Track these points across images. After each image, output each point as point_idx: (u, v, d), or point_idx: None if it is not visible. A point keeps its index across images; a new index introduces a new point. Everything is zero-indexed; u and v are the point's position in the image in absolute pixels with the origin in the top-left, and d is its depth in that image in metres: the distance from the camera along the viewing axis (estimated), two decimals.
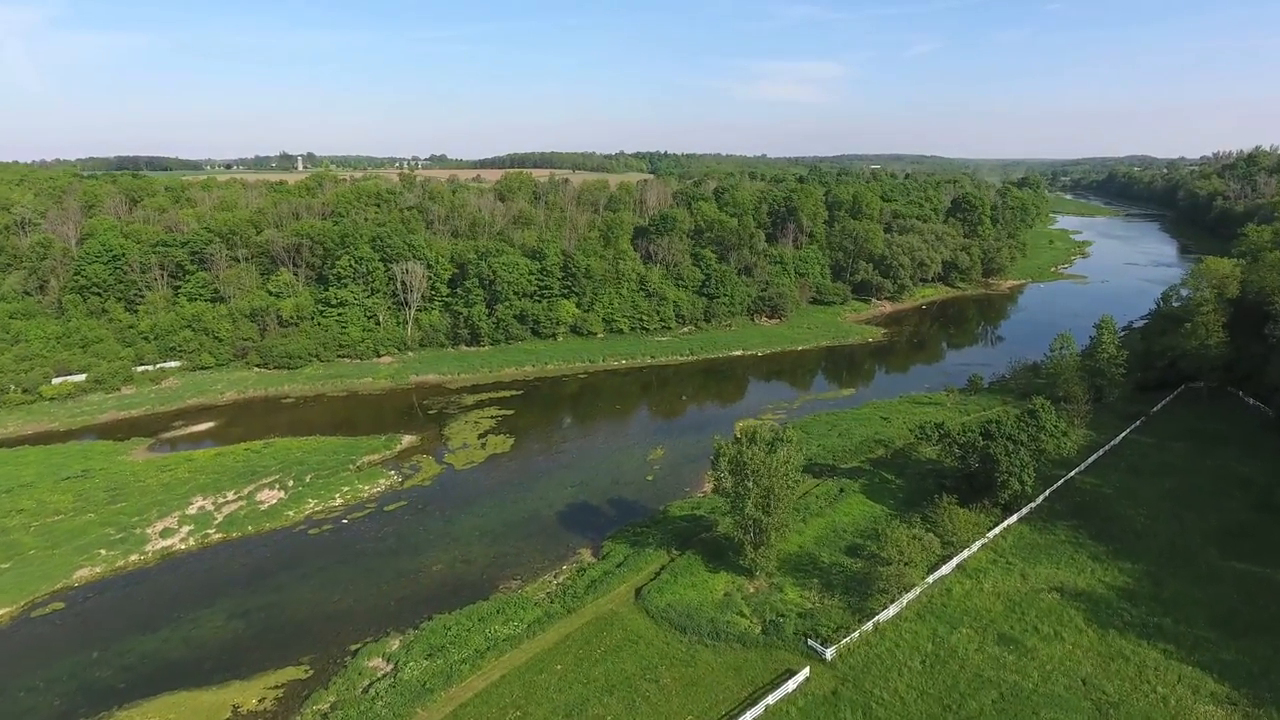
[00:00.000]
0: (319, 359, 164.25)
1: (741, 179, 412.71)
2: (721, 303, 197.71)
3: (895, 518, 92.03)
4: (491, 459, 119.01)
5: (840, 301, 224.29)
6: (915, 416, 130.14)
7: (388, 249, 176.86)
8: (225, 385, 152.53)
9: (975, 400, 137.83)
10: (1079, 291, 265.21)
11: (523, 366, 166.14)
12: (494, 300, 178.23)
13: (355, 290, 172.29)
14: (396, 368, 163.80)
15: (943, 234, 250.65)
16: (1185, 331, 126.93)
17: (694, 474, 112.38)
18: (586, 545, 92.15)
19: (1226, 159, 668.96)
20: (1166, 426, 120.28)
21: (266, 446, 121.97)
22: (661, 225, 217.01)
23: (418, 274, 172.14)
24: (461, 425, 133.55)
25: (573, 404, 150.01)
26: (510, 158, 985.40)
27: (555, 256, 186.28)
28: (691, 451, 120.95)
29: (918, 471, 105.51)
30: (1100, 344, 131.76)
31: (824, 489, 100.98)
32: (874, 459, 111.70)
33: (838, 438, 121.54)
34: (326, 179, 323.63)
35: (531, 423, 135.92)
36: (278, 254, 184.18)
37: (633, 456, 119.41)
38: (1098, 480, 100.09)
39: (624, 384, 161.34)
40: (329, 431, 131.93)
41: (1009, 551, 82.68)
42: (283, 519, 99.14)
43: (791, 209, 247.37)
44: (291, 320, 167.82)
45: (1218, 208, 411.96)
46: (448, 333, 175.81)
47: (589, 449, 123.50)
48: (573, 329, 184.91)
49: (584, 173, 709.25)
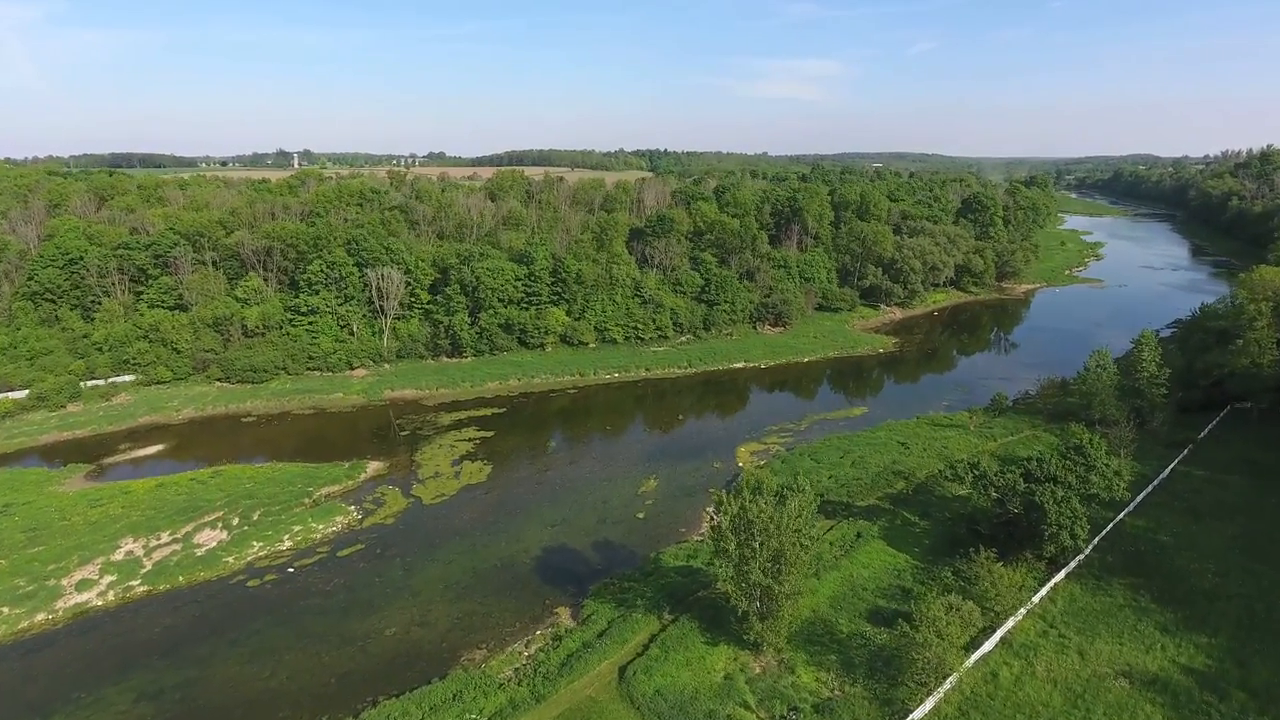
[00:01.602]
0: (287, 372, 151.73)
1: (743, 177, 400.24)
2: (722, 310, 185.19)
3: (922, 571, 79.74)
4: (465, 491, 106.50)
5: (848, 308, 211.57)
6: (936, 442, 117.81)
7: (363, 253, 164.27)
8: (182, 402, 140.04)
9: (1001, 423, 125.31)
10: (1097, 297, 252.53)
11: (507, 380, 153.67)
12: (477, 308, 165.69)
13: (327, 297, 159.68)
14: (370, 382, 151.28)
15: (955, 236, 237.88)
16: (1235, 349, 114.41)
17: (690, 510, 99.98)
18: (565, 603, 79.73)
19: (1236, 157, 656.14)
20: (1218, 456, 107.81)
21: (214, 476, 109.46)
22: (659, 227, 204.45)
23: (395, 280, 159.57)
24: (435, 449, 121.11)
25: (559, 423, 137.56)
26: (508, 155, 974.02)
27: (544, 260, 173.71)
28: (688, 482, 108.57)
29: (944, 512, 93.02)
30: (1140, 361, 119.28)
31: (839, 533, 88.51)
32: (893, 495, 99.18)
33: (851, 467, 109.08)
34: (311, 177, 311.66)
35: (512, 446, 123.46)
36: (247, 257, 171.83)
37: (622, 488, 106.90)
38: (1150, 524, 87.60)
39: (616, 400, 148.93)
40: (289, 456, 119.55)
41: (1060, 620, 70.21)
42: (220, 567, 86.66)
43: (796, 209, 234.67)
44: (258, 330, 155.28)
45: (1233, 208, 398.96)
46: (427, 343, 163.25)
47: (574, 478, 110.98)
48: (562, 339, 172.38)
49: (582, 171, 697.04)
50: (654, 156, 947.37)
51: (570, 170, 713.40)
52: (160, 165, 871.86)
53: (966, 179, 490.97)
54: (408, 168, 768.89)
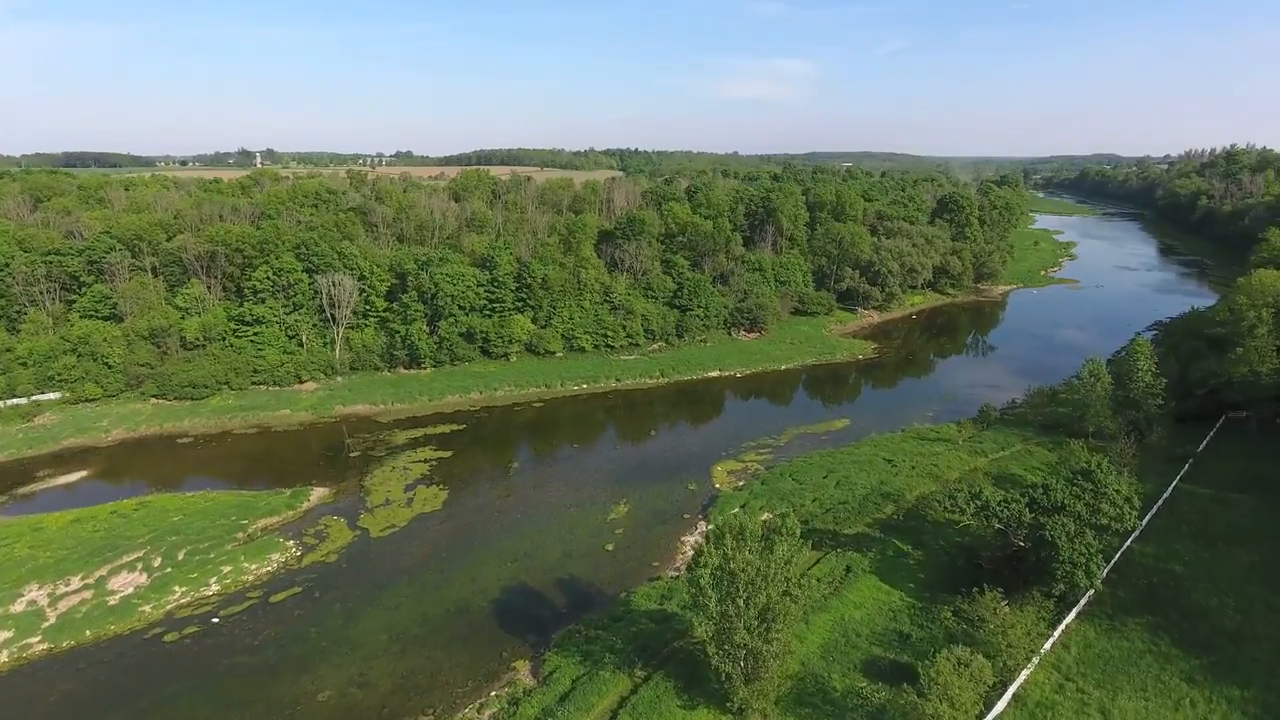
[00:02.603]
0: (229, 387, 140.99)
1: (715, 177, 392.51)
2: (695, 316, 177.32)
3: (920, 612, 72.27)
4: (418, 521, 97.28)
5: (825, 312, 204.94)
6: (924, 458, 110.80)
7: (314, 258, 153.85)
8: (112, 421, 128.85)
9: (991, 436, 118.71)
10: (1075, 299, 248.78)
11: (469, 393, 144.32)
12: (436, 316, 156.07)
13: (274, 306, 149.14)
14: (321, 396, 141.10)
15: (932, 237, 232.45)
16: (1234, 357, 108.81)
17: (663, 540, 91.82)
18: (525, 655, 71.10)
19: (1200, 157, 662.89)
20: (1220, 472, 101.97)
21: (139, 508, 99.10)
22: (629, 229, 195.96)
23: (347, 287, 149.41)
24: (387, 472, 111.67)
25: (523, 441, 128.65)
26: (476, 155, 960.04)
27: (508, 265, 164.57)
28: (660, 507, 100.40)
29: (939, 540, 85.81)
30: (1135, 371, 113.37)
31: (827, 566, 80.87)
32: (882, 520, 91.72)
33: (836, 488, 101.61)
34: (266, 177, 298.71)
35: (472, 468, 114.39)
36: (190, 263, 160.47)
37: (590, 515, 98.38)
38: (1160, 551, 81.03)
39: (585, 413, 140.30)
40: (226, 482, 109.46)
41: (1076, 670, 63.02)
42: (134, 618, 76.73)
43: (770, 210, 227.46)
44: (198, 342, 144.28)
45: (1202, 207, 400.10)
46: (383, 354, 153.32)
47: (538, 504, 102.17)
48: (528, 348, 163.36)
49: (552, 170, 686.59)
50: (624, 156, 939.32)
51: (539, 170, 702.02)
52: (116, 165, 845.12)
53: (937, 178, 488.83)
54: (373, 167, 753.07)
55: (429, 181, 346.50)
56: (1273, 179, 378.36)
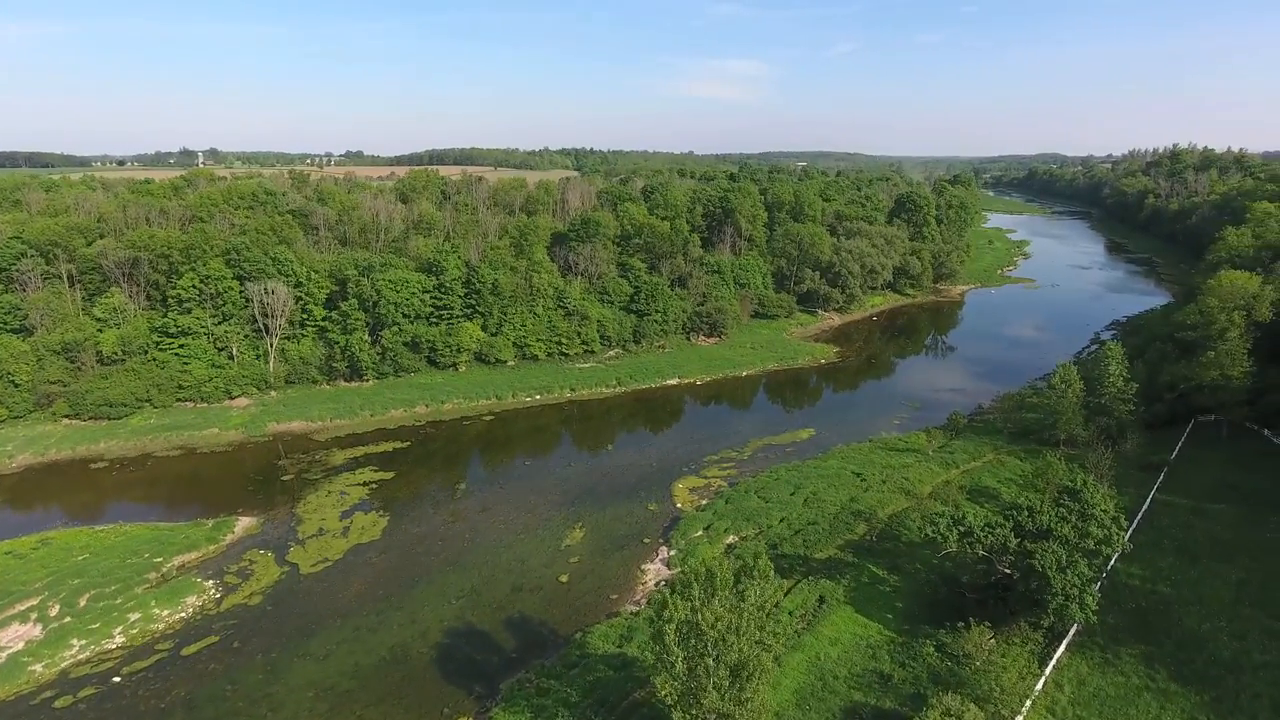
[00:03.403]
0: (152, 405, 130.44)
1: (671, 177, 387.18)
2: (653, 320, 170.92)
3: (901, 648, 66.64)
4: (354, 553, 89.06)
5: (785, 315, 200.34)
6: (894, 471, 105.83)
7: (245, 264, 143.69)
8: (18, 445, 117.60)
9: (961, 446, 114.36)
10: (1032, 298, 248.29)
11: (414, 407, 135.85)
12: (379, 325, 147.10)
13: (202, 316, 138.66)
14: (253, 413, 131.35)
15: (892, 237, 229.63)
16: (1206, 361, 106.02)
17: (622, 569, 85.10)
18: (469, 710, 63.67)
19: (1144, 157, 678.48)
20: (1195, 480, 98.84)
21: (40, 546, 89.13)
22: (583, 231, 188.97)
23: (281, 295, 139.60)
24: (323, 497, 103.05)
25: (471, 459, 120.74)
26: (429, 154, 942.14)
27: (456, 270, 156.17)
28: (618, 531, 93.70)
29: (915, 563, 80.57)
30: (1107, 376, 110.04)
31: (799, 597, 74.96)
32: (855, 542, 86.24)
33: (804, 506, 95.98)
34: (201, 177, 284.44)
35: (415, 490, 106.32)
36: (110, 270, 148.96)
37: (543, 542, 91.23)
38: (1146, 571, 76.82)
39: (538, 426, 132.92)
40: (142, 512, 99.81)
41: (1072, 712, 57.82)
42: (23, 680, 67.44)
43: (728, 210, 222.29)
44: (116, 356, 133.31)
45: (1149, 206, 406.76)
46: (321, 366, 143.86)
47: (487, 530, 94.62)
48: (478, 357, 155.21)
49: (506, 170, 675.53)
50: (580, 155, 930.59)
51: (493, 170, 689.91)
52: (49, 165, 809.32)
53: (892, 178, 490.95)
54: (320, 167, 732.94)
55: (377, 182, 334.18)
56: (1216, 178, 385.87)
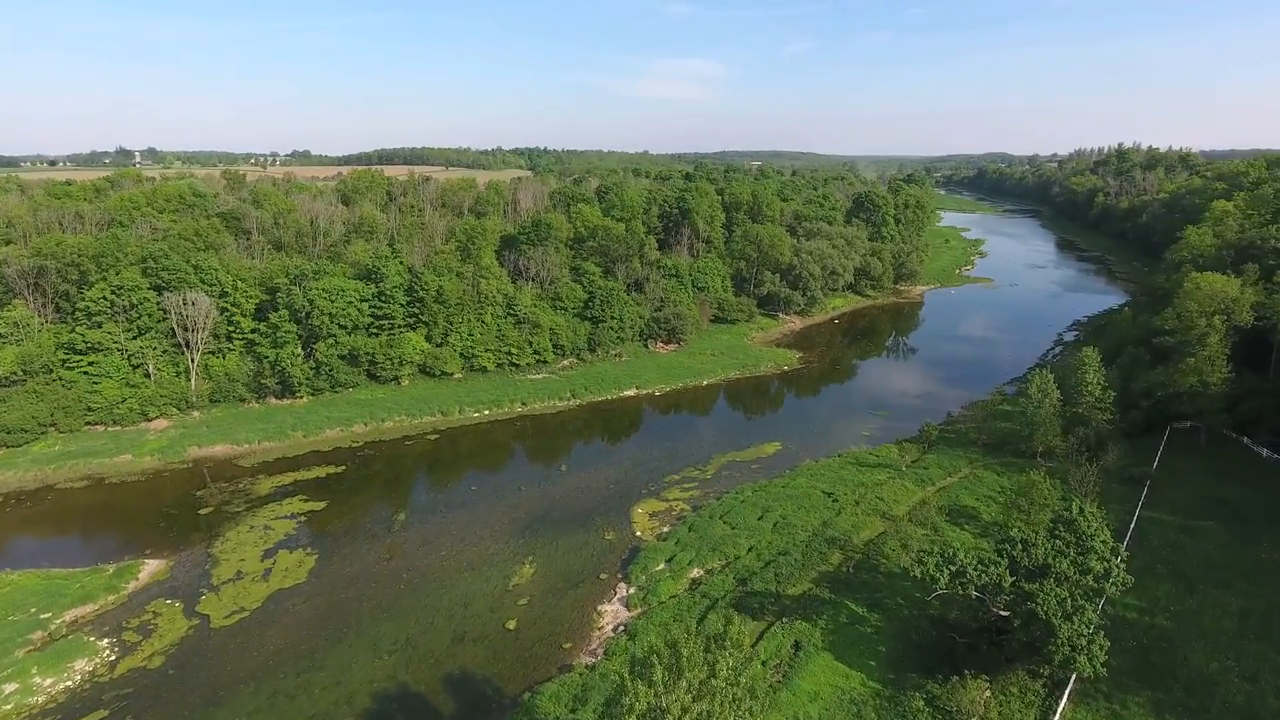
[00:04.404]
0: (58, 429, 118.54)
1: (626, 176, 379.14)
2: (609, 327, 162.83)
3: (887, 702, 59.70)
4: (275, 600, 79.42)
5: (746, 319, 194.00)
6: (867, 490, 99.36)
7: (164, 272, 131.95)
8: None
9: (935, 460, 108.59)
10: (992, 298, 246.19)
11: (351, 425, 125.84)
12: (313, 337, 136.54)
13: (114, 330, 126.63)
14: (172, 437, 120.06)
15: (852, 238, 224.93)
16: (1184, 368, 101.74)
17: (576, 612, 76.90)
18: None
19: (1090, 156, 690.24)
20: (1180, 494, 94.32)
21: None
22: (534, 234, 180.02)
23: (202, 306, 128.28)
24: (244, 532, 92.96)
25: (413, 484, 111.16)
26: (378, 154, 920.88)
27: (397, 277, 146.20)
28: (572, 565, 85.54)
29: (897, 598, 73.87)
30: (1084, 384, 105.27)
31: (772, 643, 67.53)
32: (830, 575, 79.26)
33: (774, 533, 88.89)
34: (127, 177, 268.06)
35: (349, 522, 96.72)
36: (13, 280, 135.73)
37: (489, 580, 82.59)
38: (1143, 601, 71.29)
39: (486, 444, 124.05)
40: (34, 555, 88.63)
41: None
42: None
43: (685, 211, 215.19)
44: (16, 376, 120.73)
45: (1099, 204, 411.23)
46: (249, 383, 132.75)
47: (426, 569, 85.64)
48: (422, 369, 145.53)
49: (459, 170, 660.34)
50: (533, 155, 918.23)
51: (444, 169, 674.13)
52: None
53: (847, 177, 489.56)
54: (264, 167, 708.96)
55: (319, 182, 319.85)
56: (1163, 176, 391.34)
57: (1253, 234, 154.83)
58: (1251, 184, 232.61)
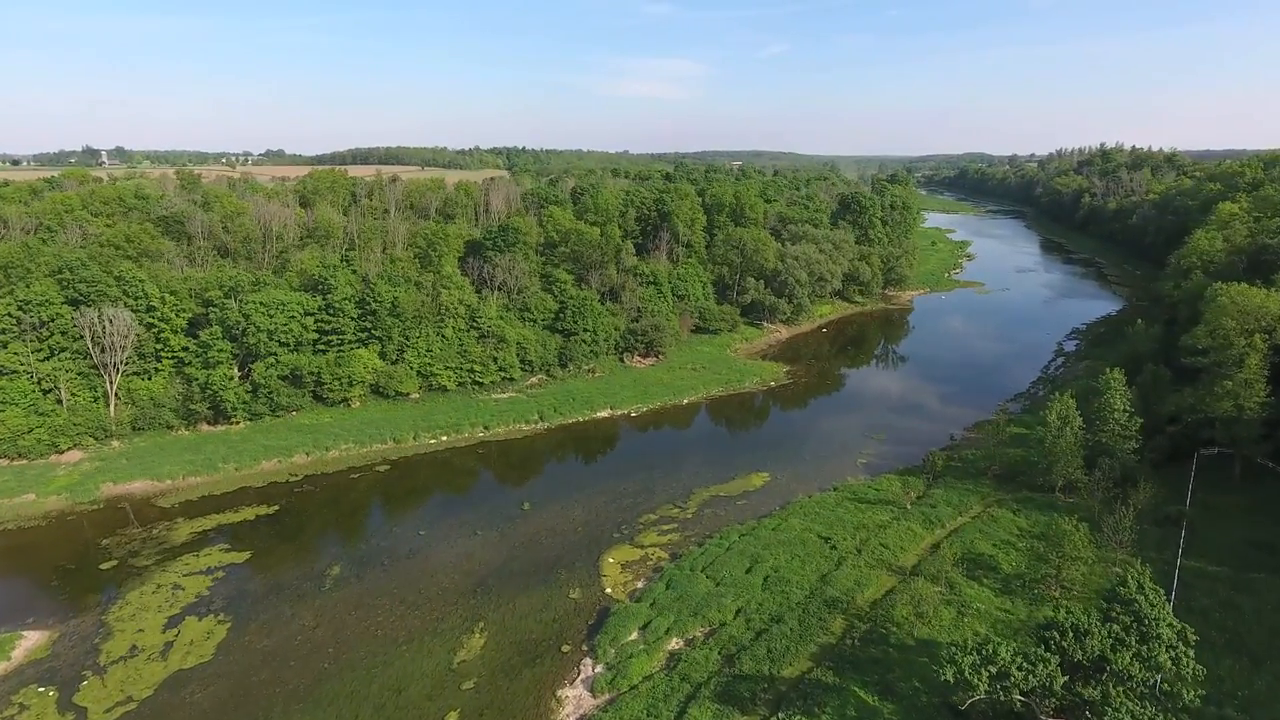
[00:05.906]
0: None
1: (604, 176, 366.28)
2: (581, 341, 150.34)
3: None
4: (171, 685, 66.26)
5: (729, 329, 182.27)
6: (869, 535, 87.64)
7: (81, 285, 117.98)
8: None
9: (942, 496, 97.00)
10: (983, 304, 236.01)
11: (291, 455, 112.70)
12: (251, 356, 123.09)
13: (21, 350, 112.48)
14: (85, 471, 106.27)
15: (839, 242, 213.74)
16: (1220, 391, 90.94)
17: (531, 699, 64.33)
18: None
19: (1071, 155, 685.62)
20: (1221, 538, 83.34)
21: None
22: (501, 239, 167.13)
23: (122, 322, 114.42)
24: (149, 593, 79.71)
25: (352, 528, 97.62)
26: (352, 153, 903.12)
27: (347, 288, 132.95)
28: (530, 633, 73.05)
29: (913, 680, 61.87)
30: (1109, 410, 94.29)
31: None
32: (833, 649, 67.21)
33: (764, 590, 76.90)
34: (71, 178, 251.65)
35: (272, 578, 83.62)
36: None
37: (431, 655, 69.92)
38: (1206, 685, 59.88)
39: (441, 477, 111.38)
40: None
41: None
42: None
43: (664, 214, 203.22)
44: None
45: (1086, 205, 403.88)
46: (177, 408, 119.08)
47: (358, 639, 72.77)
48: (374, 390, 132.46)
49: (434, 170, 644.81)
50: (511, 154, 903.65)
51: (420, 169, 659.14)
52: None
53: (830, 177, 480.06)
54: (233, 166, 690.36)
55: (275, 183, 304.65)
56: (1150, 176, 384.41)
57: (1266, 239, 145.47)
58: (1249, 185, 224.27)
